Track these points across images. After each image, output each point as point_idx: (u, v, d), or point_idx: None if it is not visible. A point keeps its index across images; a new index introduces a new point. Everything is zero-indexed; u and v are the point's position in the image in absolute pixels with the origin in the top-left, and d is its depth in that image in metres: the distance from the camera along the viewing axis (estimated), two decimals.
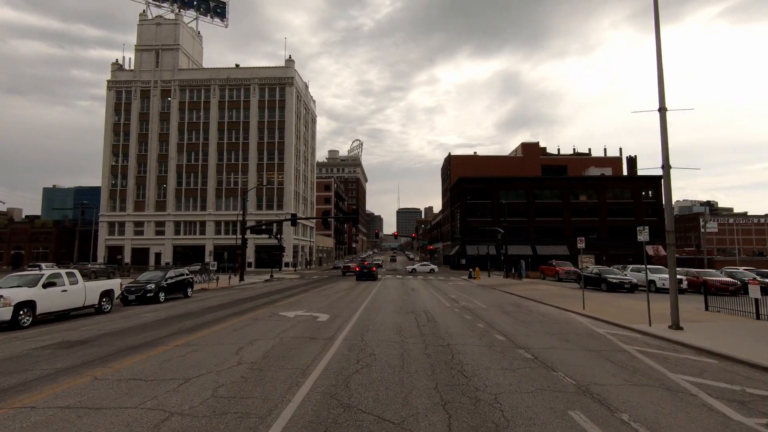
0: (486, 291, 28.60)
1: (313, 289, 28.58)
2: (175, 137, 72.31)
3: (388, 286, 31.34)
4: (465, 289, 29.50)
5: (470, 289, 29.60)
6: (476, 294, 25.65)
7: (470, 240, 69.76)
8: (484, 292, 27.91)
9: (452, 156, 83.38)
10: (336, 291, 26.81)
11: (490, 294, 26.05)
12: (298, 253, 75.44)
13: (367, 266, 40.31)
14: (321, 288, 29.72)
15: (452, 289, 29.07)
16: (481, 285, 34.48)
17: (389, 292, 25.93)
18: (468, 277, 43.08)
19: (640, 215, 69.31)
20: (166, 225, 71.26)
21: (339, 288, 29.57)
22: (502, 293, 26.72)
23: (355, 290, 27.62)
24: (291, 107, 72.34)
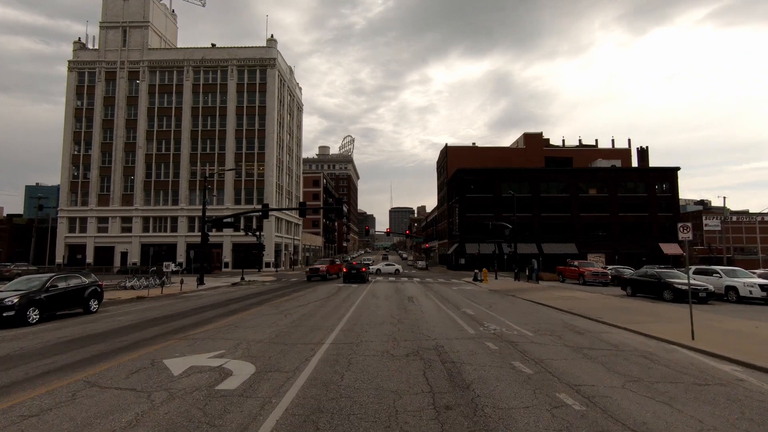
0: (507, 300, 21.51)
1: (279, 299, 21.26)
2: (143, 124, 64.49)
3: (377, 293, 24.16)
4: (478, 298, 22.41)
5: (485, 298, 22.51)
6: (499, 307, 18.54)
7: (470, 237, 62.80)
8: (506, 302, 20.83)
9: (449, 147, 76.41)
10: (305, 303, 19.54)
11: (515, 306, 18.96)
12: (280, 252, 67.97)
13: (356, 266, 33.18)
14: (289, 297, 22.39)
15: (462, 298, 21.95)
16: (494, 291, 27.44)
17: (378, 304, 18.73)
18: (473, 280, 36.08)
19: (653, 210, 62.86)
20: (133, 221, 63.45)
21: (313, 297, 22.30)
22: (530, 305, 19.65)
23: (332, 300, 20.36)
24: (273, 91, 64.86)
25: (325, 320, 13.87)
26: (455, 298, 21.65)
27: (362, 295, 22.93)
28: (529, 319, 14.40)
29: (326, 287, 28.73)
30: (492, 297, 23.09)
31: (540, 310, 17.11)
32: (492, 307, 17.97)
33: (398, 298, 21.22)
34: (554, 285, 31.92)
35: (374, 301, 19.28)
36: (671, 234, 62.35)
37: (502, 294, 25.20)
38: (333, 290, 26.13)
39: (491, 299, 21.75)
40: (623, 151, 74.85)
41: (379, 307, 17.29)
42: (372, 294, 23.06)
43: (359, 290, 25.80)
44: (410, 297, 21.61)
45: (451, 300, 20.63)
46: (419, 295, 23.12)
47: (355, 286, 29.04)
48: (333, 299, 20.45)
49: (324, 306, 18.04)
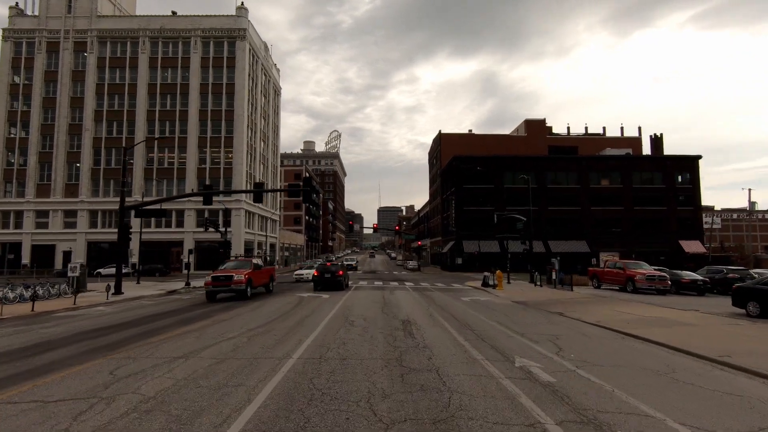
0: (560, 325, 13.05)
1: (188, 329, 12.53)
2: (91, 103, 54.89)
3: (354, 311, 15.54)
4: (513, 320, 13.95)
5: (524, 321, 14.07)
6: (570, 345, 10.12)
7: (468, 234, 54.58)
8: (563, 328, 12.38)
9: (443, 134, 68.14)
10: (229, 336, 10.90)
11: (592, 341, 10.52)
12: (252, 251, 58.88)
13: (330, 269, 24.49)
14: (210, 324, 13.62)
15: (489, 322, 13.44)
16: (520, 303, 19.09)
17: (349, 342, 10.07)
18: (483, 285, 27.72)
19: (672, 204, 55.43)
20: (78, 215, 53.83)
21: (241, 324, 13.52)
22: (613, 337, 11.27)
23: (266, 336, 11.45)
24: (243, 67, 55.79)
25: (212, 401, 5.31)
26: (479, 322, 13.12)
27: (329, 315, 14.28)
28: (678, 393, 6.06)
29: (280, 300, 20.03)
30: (531, 317, 14.66)
31: (655, 354, 8.74)
32: (560, 348, 9.48)
33: (386, 323, 12.60)
34: (593, 293, 23.74)
35: (344, 335, 10.62)
36: (693, 230, 55.03)
37: (536, 309, 16.84)
38: (287, 305, 17.41)
39: (535, 322, 13.29)
40: (633, 140, 67.47)
41: (348, 353, 8.64)
42: (345, 314, 14.40)
43: (328, 306, 17.14)
44: (406, 321, 13.01)
45: (476, 328, 12.08)
46: (420, 315, 14.55)
47: (326, 297, 20.42)
48: (271, 330, 11.67)
49: (249, 345, 9.31)
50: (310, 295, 21.32)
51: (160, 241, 53.84)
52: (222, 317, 13.74)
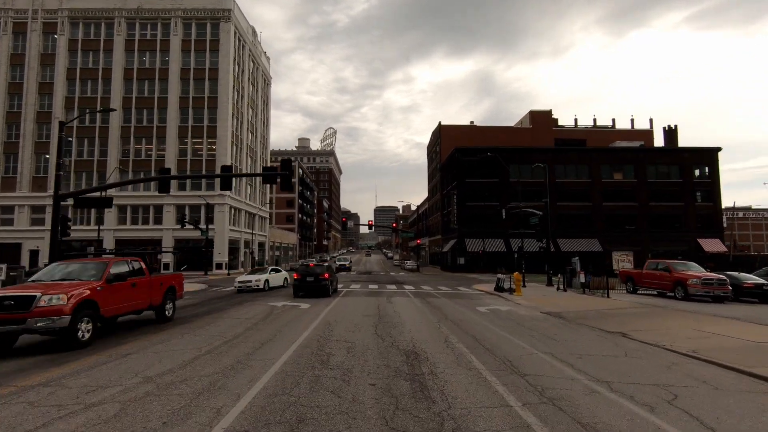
0: (644, 359, 8.53)
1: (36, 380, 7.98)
2: (62, 89, 50.08)
3: (337, 331, 11.00)
4: (565, 346, 9.46)
5: (576, 346, 9.61)
6: (696, 405, 5.67)
7: (471, 231, 50.18)
8: (650, 365, 7.88)
9: (442, 126, 63.69)
10: (91, 401, 6.40)
11: (723, 399, 6.07)
12: (238, 251, 54.28)
13: (313, 271, 19.90)
14: (81, 364, 9.13)
15: (532, 351, 8.96)
16: (556, 316, 14.62)
17: (315, 404, 5.64)
18: (496, 290, 23.24)
19: (690, 200, 51.25)
20: (47, 211, 48.92)
21: (166, 356, 8.99)
22: (745, 382, 6.84)
23: (173, 392, 7.04)
24: (227, 51, 51.13)
25: None
26: (522, 354, 8.57)
27: (298, 341, 9.66)
28: None
29: (244, 313, 15.46)
30: (587, 341, 10.15)
31: None
32: (701, 421, 5.05)
33: (382, 359, 8.04)
34: (637, 301, 19.36)
35: (307, 392, 6.01)
36: (712, 228, 50.87)
37: (584, 325, 12.34)
38: (244, 323, 12.79)
39: (602, 353, 8.78)
40: (645, 133, 63.31)
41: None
42: (322, 340, 9.77)
43: (302, 322, 12.56)
44: (411, 353, 8.44)
45: (524, 366, 7.52)
46: (430, 340, 9.99)
47: (305, 308, 15.86)
48: (185, 381, 7.05)
49: None
50: (286, 305, 16.75)
51: (137, 239, 49.10)
52: (120, 349, 9.11)
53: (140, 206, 49.19)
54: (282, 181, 19.93)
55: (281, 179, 19.85)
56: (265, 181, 20.13)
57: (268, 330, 10.89)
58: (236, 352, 8.29)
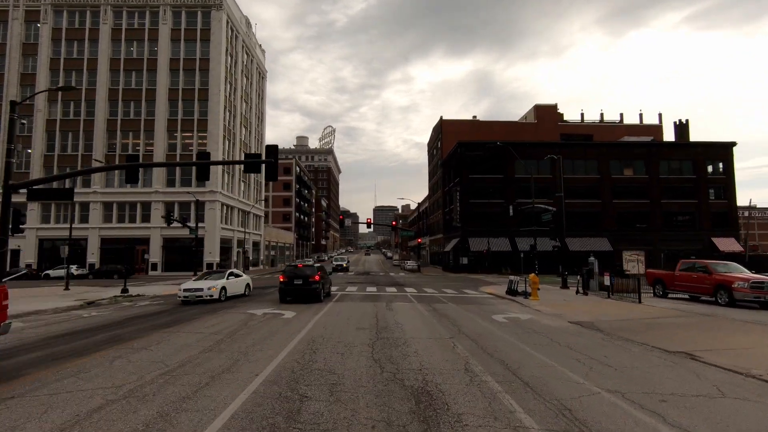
0: (750, 403, 6.02)
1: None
2: (44, 80, 47.45)
3: (322, 353, 8.45)
4: (625, 375, 6.97)
5: (638, 374, 7.12)
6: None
7: (475, 230, 47.63)
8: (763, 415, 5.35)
9: (444, 121, 61.14)
10: None
11: None
12: (230, 250, 51.68)
13: (302, 273, 17.27)
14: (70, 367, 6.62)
15: (590, 389, 6.45)
16: (589, 327, 12.08)
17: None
18: (508, 293, 20.69)
19: (703, 197, 48.74)
20: (28, 208, 46.36)
21: (95, 387, 6.46)
22: None
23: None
24: (219, 40, 48.53)
25: None
26: (578, 397, 6.05)
27: (265, 372, 7.11)
28: None
29: (220, 322, 12.89)
30: (647, 366, 7.59)
31: None
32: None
33: (379, 401, 5.56)
34: (674, 307, 16.83)
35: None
36: (727, 226, 48.36)
37: (631, 342, 9.78)
38: (211, 338, 10.25)
39: (683, 389, 6.25)
40: (654, 128, 60.80)
41: None
42: (298, 370, 7.19)
43: (279, 340, 9.98)
44: (422, 393, 5.93)
45: (594, 422, 5.06)
46: (445, 366, 7.43)
47: (288, 317, 13.27)
48: None
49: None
50: (267, 313, 14.17)
51: (123, 237, 46.57)
52: (134, 343, 6.53)
53: (127, 203, 46.58)
54: (267, 170, 17.34)
55: (267, 167, 17.26)
56: (247, 169, 17.61)
57: (232, 351, 8.30)
58: (170, 394, 5.71)
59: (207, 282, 18.45)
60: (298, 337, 9.78)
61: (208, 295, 17.62)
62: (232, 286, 19.53)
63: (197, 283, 18.25)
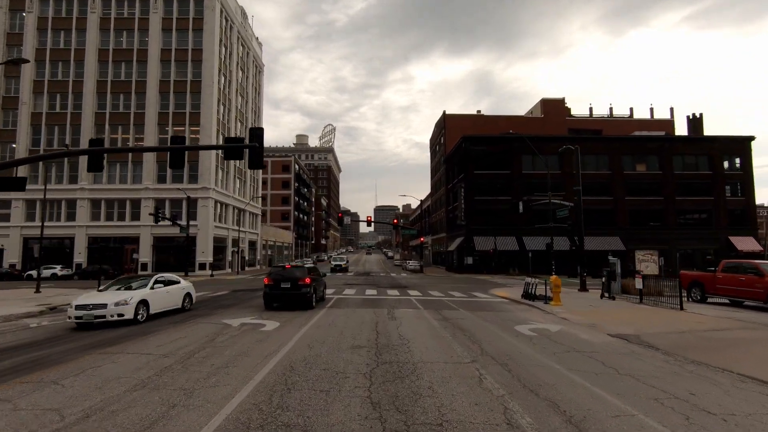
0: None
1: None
2: (30, 71, 45.17)
3: (297, 386, 6.24)
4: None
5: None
6: None
7: (480, 229, 45.28)
8: None
9: (447, 116, 58.77)
10: None
11: None
12: (225, 249, 49.37)
13: (290, 275, 14.84)
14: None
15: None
16: (638, 342, 9.72)
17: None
18: (525, 297, 18.32)
19: (720, 193, 46.31)
20: (12, 206, 44.16)
21: None
22: None
23: None
24: (212, 29, 46.21)
25: None
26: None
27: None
28: None
29: (191, 332, 10.55)
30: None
31: None
32: None
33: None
34: (728, 316, 14.48)
35: None
36: (745, 224, 45.95)
37: (700, 365, 7.44)
38: (175, 354, 7.94)
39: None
40: (665, 122, 58.39)
41: None
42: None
43: (250, 364, 7.69)
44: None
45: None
46: (476, 416, 5.09)
47: (269, 331, 10.89)
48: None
49: None
50: (246, 324, 11.81)
51: (113, 236, 44.32)
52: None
53: (116, 200, 44.28)
54: (251, 156, 15.02)
55: (251, 153, 14.95)
56: (228, 156, 15.22)
57: (174, 389, 5.93)
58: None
59: (116, 294, 12.23)
60: (273, 362, 7.42)
61: (115, 314, 11.50)
62: (158, 298, 13.22)
63: (101, 296, 12.08)
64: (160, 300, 13.38)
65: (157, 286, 13.54)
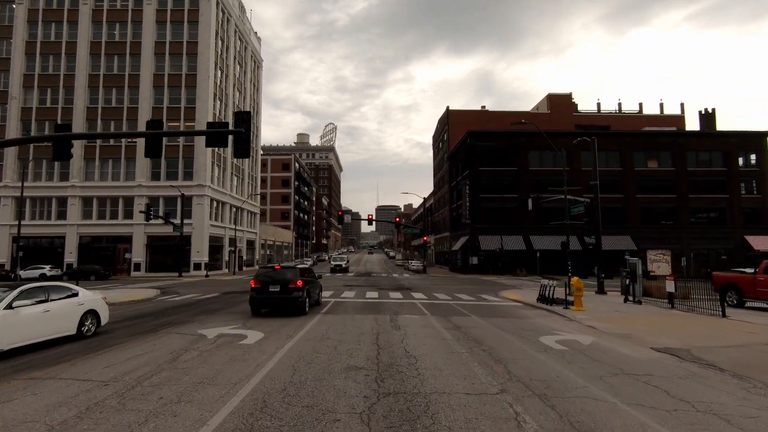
0: None
1: None
2: (20, 64, 43.63)
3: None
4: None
5: None
6: None
7: (486, 227, 43.51)
8: None
9: (451, 111, 56.98)
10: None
11: None
12: (222, 249, 47.73)
13: (280, 277, 13.05)
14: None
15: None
16: (713, 368, 7.99)
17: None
18: (541, 301, 16.62)
19: (735, 191, 44.42)
20: (1, 203, 42.64)
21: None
22: None
23: None
24: (208, 21, 44.56)
25: None
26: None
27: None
28: None
29: (156, 347, 8.83)
30: None
31: None
32: None
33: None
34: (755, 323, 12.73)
35: None
36: (761, 223, 44.06)
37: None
38: (123, 379, 6.32)
39: None
40: (676, 118, 56.48)
41: None
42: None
43: (215, 395, 6.10)
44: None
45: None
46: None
47: (252, 343, 9.19)
48: None
49: None
50: (223, 335, 10.10)
51: (105, 235, 42.72)
52: None
53: (108, 198, 42.69)
54: (236, 144, 13.34)
55: (235, 139, 13.27)
56: (210, 143, 13.50)
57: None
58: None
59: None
60: (242, 393, 5.70)
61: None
62: (28, 321, 8.44)
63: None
64: (28, 323, 8.41)
65: (24, 301, 8.58)
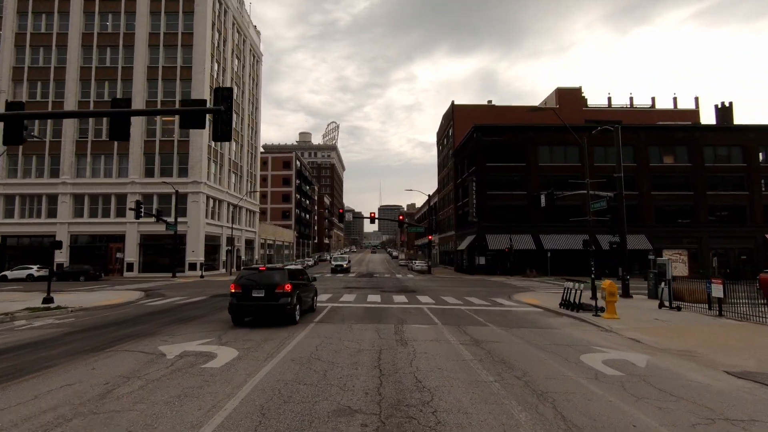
0: None
1: None
2: (9, 57, 41.93)
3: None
4: None
5: None
6: None
7: (493, 226, 41.47)
8: None
9: (456, 106, 54.93)
10: None
11: None
12: (219, 248, 45.87)
13: (264, 281, 11.06)
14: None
15: None
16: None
17: None
18: (564, 307, 14.63)
19: (755, 188, 42.20)
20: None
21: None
22: None
23: None
24: (204, 11, 42.70)
25: None
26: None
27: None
28: None
29: (95, 371, 6.91)
30: None
31: None
32: None
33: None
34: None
35: None
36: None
37: None
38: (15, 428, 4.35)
39: None
40: (690, 113, 54.22)
41: None
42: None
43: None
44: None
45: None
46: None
47: (220, 366, 7.29)
48: None
49: None
50: (189, 352, 8.18)
51: (97, 234, 40.95)
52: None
53: (100, 196, 40.91)
54: (216, 126, 11.47)
55: (215, 119, 11.39)
56: (185, 124, 11.59)
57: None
58: None
59: None
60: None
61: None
62: None
63: None
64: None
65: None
